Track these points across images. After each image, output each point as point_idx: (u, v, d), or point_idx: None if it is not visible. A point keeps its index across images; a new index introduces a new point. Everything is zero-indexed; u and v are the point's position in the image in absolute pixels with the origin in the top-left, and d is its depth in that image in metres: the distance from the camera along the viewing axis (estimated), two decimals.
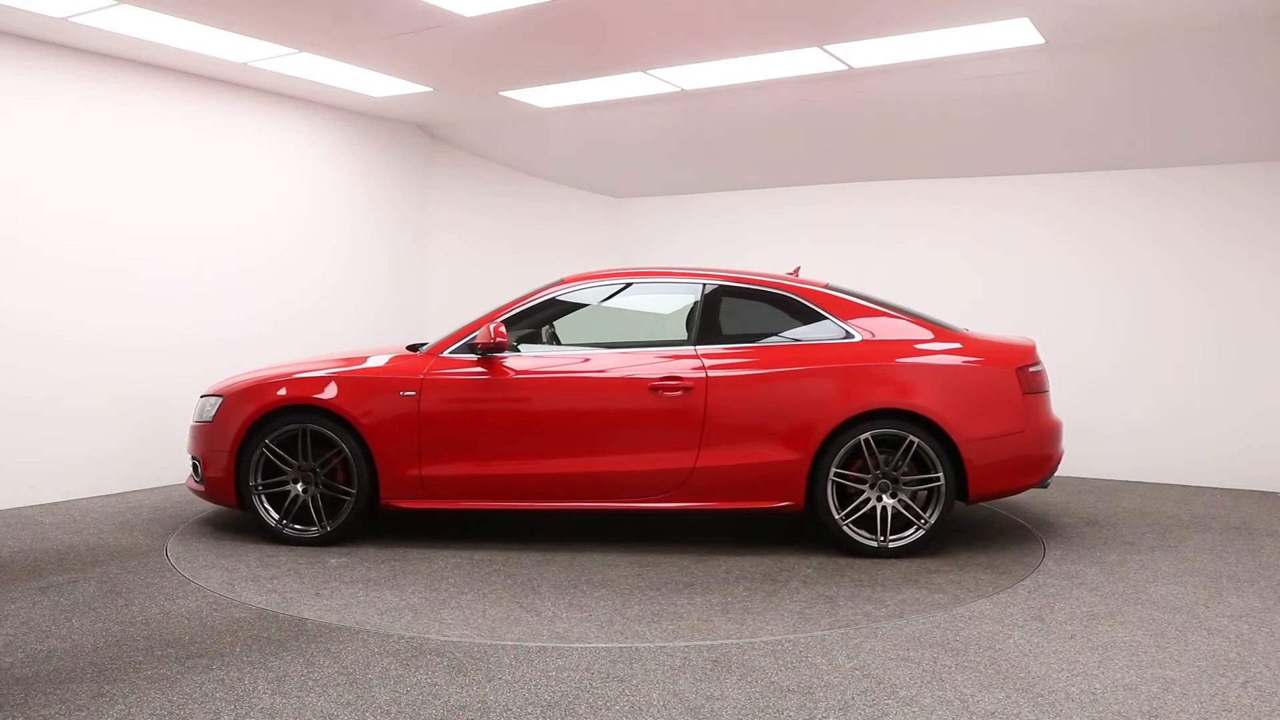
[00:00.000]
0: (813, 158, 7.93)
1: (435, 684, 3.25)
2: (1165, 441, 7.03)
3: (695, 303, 5.23)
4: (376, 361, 5.28)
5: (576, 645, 3.64)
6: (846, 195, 8.27)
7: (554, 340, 5.69)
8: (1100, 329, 7.25)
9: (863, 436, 4.87)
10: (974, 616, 3.98)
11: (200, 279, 6.83)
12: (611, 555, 4.98)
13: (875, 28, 5.34)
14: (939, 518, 4.88)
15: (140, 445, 6.55)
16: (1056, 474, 6.26)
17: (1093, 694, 3.18)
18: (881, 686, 3.24)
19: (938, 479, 4.86)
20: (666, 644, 3.65)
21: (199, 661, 3.44)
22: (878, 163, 7.82)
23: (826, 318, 5.12)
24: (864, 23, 5.27)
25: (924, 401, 4.86)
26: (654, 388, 4.97)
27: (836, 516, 4.90)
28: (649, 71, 6.32)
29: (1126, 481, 7.10)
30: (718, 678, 3.32)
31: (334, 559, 4.90)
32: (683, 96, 6.87)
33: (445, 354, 5.18)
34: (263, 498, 5.17)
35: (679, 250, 8.95)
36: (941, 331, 5.12)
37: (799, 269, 5.97)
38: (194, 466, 5.40)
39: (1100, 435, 7.06)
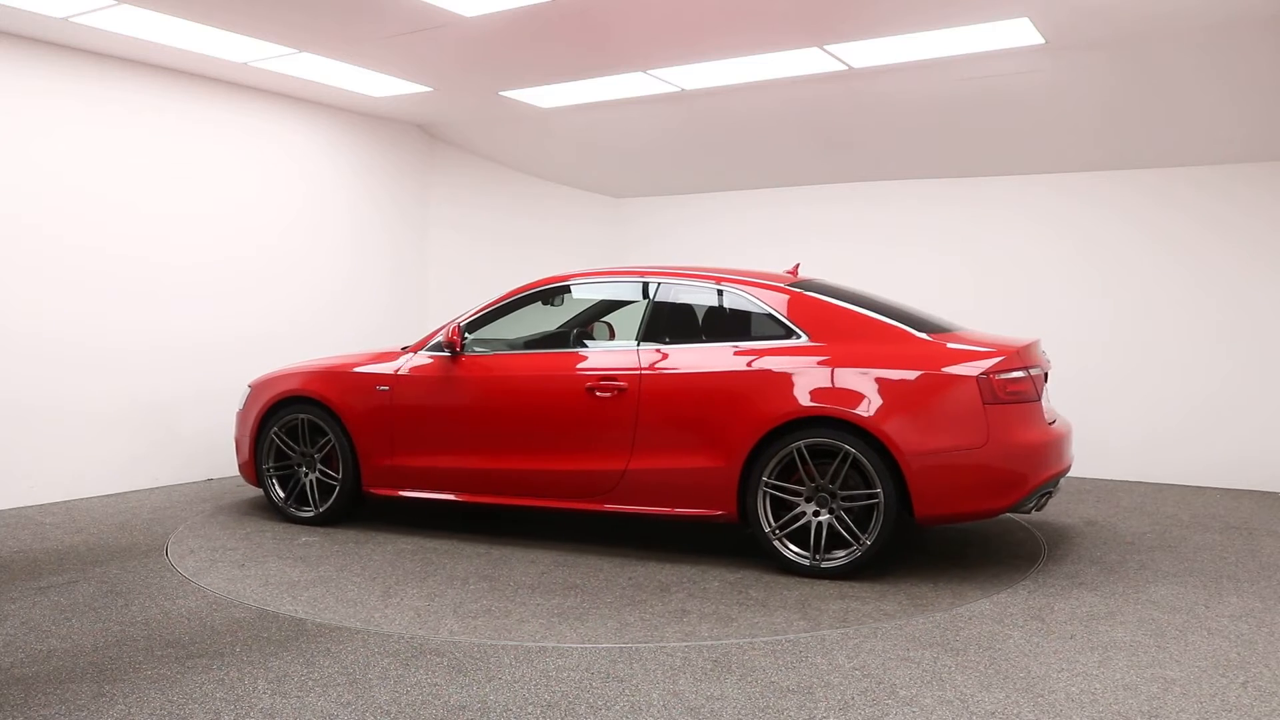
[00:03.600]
0: (813, 158, 7.93)
1: (435, 684, 3.26)
2: (1165, 442, 7.03)
3: (647, 302, 5.15)
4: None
5: (577, 645, 3.64)
6: (846, 195, 8.28)
7: (592, 337, 5.72)
8: (1099, 328, 7.25)
9: (795, 445, 4.51)
10: (974, 616, 3.98)
11: (201, 280, 6.83)
12: (548, 553, 5.01)
13: (875, 28, 5.34)
14: (878, 538, 4.40)
15: (140, 446, 6.55)
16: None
17: (1093, 694, 3.18)
18: (881, 686, 3.24)
19: (876, 495, 4.42)
20: (667, 644, 3.66)
21: (199, 661, 3.44)
22: (878, 163, 7.82)
23: (774, 316, 4.80)
24: (864, 23, 5.27)
25: (860, 408, 4.41)
26: (590, 388, 4.93)
27: (767, 529, 4.58)
28: (649, 71, 6.32)
29: (1126, 481, 7.10)
30: (718, 678, 3.31)
31: (304, 538, 5.30)
32: (683, 96, 6.87)
33: (420, 353, 5.45)
34: (274, 480, 5.71)
35: (679, 250, 8.95)
36: (901, 331, 4.65)
37: (798, 266, 5.93)
38: (236, 450, 5.99)
39: (1100, 436, 7.05)
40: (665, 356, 4.89)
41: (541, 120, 7.69)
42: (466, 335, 5.37)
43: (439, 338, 5.40)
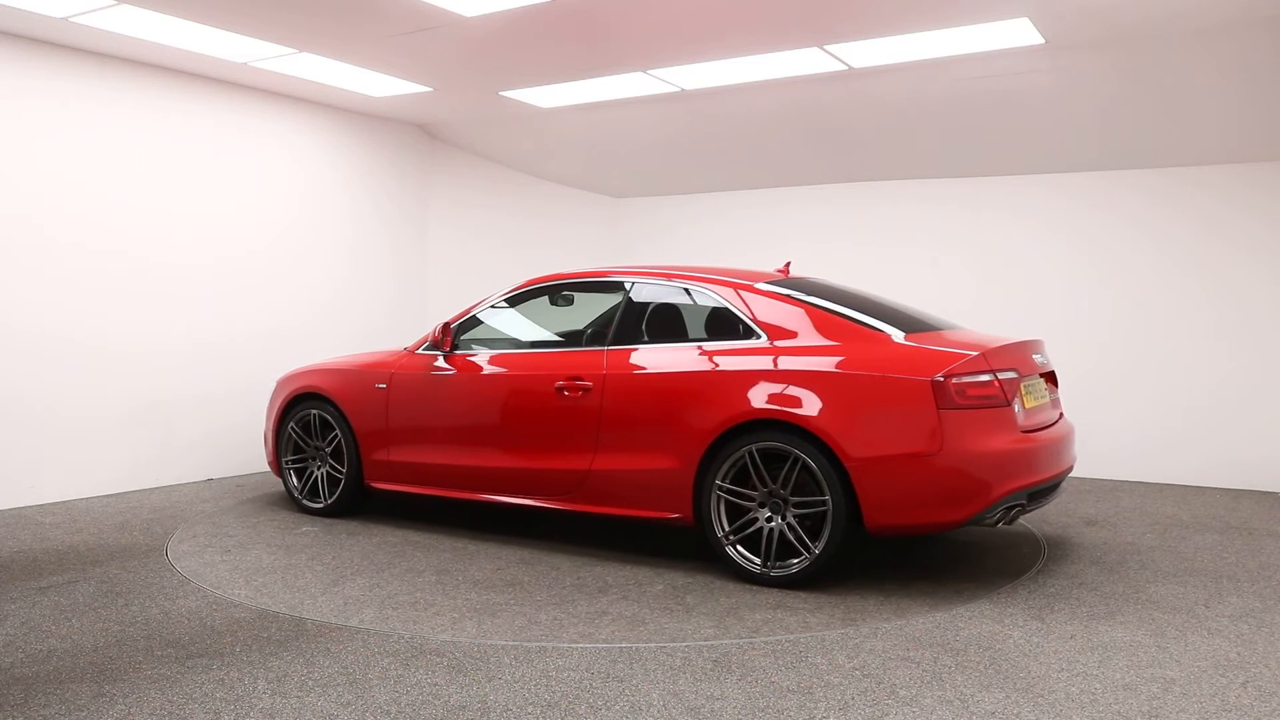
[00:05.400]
0: (813, 158, 7.93)
1: (435, 684, 3.26)
2: (1165, 442, 7.03)
3: (620, 302, 5.13)
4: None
5: (577, 645, 3.64)
6: (846, 195, 8.27)
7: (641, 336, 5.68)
8: (1099, 329, 7.25)
9: (747, 449, 4.40)
10: (974, 616, 3.98)
11: (201, 279, 6.83)
12: (519, 549, 5.05)
13: (875, 28, 5.34)
14: (826, 547, 4.23)
15: (141, 446, 6.55)
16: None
17: (1093, 694, 3.18)
18: (881, 686, 3.24)
19: (824, 502, 4.27)
20: (667, 644, 3.66)
21: (199, 661, 3.44)
22: (877, 163, 7.82)
23: (738, 316, 4.70)
24: (864, 23, 5.27)
25: (807, 412, 4.26)
26: (559, 387, 4.95)
27: (719, 534, 4.48)
28: (649, 71, 6.32)
29: (1126, 481, 7.10)
30: (718, 678, 3.31)
31: (305, 527, 5.54)
32: (683, 96, 6.87)
33: (416, 352, 5.63)
34: (291, 472, 5.99)
35: (679, 250, 8.95)
36: (869, 331, 4.49)
37: (789, 265, 5.89)
38: (264, 444, 6.36)
39: (1100, 436, 7.05)
40: (627, 355, 4.88)
41: (541, 120, 7.69)
42: (458, 335, 5.47)
43: (432, 338, 5.55)
